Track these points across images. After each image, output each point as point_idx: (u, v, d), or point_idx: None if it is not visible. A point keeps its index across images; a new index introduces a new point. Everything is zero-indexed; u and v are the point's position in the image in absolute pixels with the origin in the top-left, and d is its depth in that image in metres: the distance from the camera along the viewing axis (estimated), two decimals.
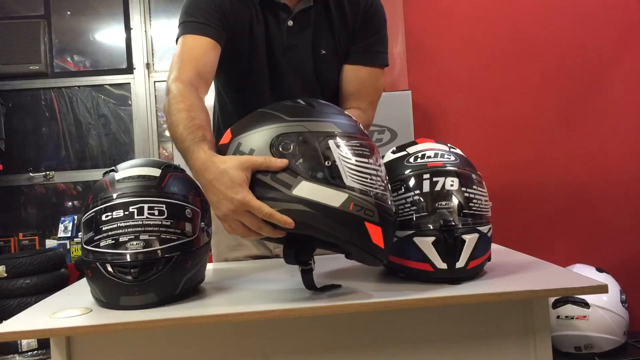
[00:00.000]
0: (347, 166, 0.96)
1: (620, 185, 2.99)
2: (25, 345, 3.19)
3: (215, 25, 1.32)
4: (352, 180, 0.96)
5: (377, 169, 0.99)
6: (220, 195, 0.95)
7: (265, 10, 1.40)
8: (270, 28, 1.40)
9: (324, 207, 0.93)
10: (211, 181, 0.97)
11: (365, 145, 0.99)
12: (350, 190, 0.95)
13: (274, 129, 0.98)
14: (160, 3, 4.24)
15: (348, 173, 0.96)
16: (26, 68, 4.06)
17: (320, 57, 1.43)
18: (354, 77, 1.45)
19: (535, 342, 1.08)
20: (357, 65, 1.45)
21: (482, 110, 3.07)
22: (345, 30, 1.44)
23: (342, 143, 0.97)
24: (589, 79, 3.01)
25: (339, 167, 0.95)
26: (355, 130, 1.01)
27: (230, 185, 0.94)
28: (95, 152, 4.26)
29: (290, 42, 1.41)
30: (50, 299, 1.15)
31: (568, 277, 1.11)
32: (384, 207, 0.98)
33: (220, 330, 1.07)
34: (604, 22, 3.01)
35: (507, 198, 2.94)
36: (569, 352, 2.58)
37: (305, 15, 1.40)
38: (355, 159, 0.97)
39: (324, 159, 0.95)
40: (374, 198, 0.96)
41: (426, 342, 1.10)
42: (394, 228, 1.03)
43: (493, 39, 3.06)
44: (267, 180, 0.95)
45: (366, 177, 0.97)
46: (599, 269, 2.68)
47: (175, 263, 1.02)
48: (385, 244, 0.98)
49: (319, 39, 1.42)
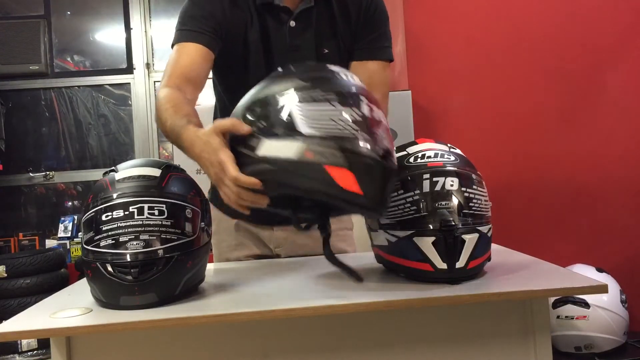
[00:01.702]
0: (303, 114, 0.93)
1: (620, 185, 2.99)
2: (25, 345, 3.20)
3: (206, 32, 1.35)
4: (309, 127, 0.92)
5: (341, 111, 0.94)
6: (207, 162, 1.01)
7: (265, 13, 1.40)
8: (269, 31, 1.40)
9: (282, 160, 0.92)
10: (199, 153, 1.03)
11: (330, 90, 0.96)
12: (308, 138, 0.92)
13: (249, 98, 1.02)
14: (160, 3, 4.25)
15: (305, 121, 0.93)
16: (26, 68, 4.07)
17: (322, 56, 1.43)
18: (362, 73, 1.42)
19: (535, 342, 1.08)
20: (363, 60, 1.45)
21: (482, 110, 3.06)
22: (347, 29, 1.44)
23: (299, 94, 0.95)
24: (589, 79, 3.01)
25: (295, 117, 0.94)
26: (318, 81, 0.98)
27: (212, 150, 0.99)
28: (95, 152, 4.26)
29: (293, 42, 1.41)
30: (50, 299, 1.15)
31: (568, 277, 1.11)
32: (354, 149, 0.92)
33: (220, 330, 1.07)
34: (604, 21, 3.01)
35: (507, 198, 2.94)
36: (569, 352, 2.58)
37: (306, 15, 1.41)
38: (312, 106, 0.94)
39: (283, 114, 0.95)
40: (339, 141, 0.91)
41: (426, 342, 1.10)
42: (380, 171, 0.94)
43: (493, 38, 3.06)
44: (240, 148, 0.97)
45: (327, 122, 0.92)
46: (599, 269, 2.68)
47: (175, 263, 1.02)
48: (367, 189, 0.91)
49: (321, 38, 1.43)
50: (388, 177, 0.96)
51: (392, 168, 0.97)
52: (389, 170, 0.96)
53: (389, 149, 0.97)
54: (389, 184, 0.97)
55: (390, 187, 0.99)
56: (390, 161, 0.96)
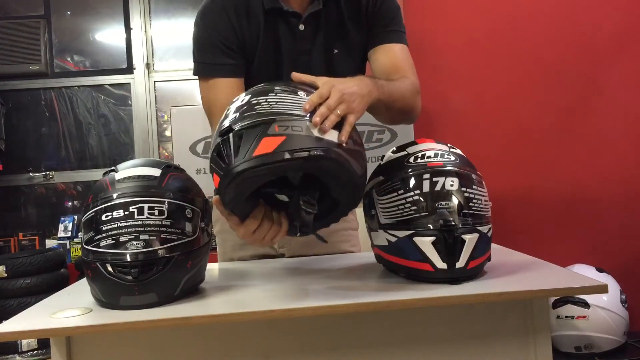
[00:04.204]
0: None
1: (620, 185, 2.99)
2: (25, 345, 3.19)
3: (229, 62, 1.36)
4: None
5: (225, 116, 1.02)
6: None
7: (274, 19, 1.39)
8: (279, 36, 1.39)
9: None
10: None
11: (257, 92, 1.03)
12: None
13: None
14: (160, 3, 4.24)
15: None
16: (26, 68, 4.06)
17: (332, 56, 1.43)
18: (384, 56, 1.41)
19: (535, 342, 1.08)
20: (382, 44, 1.42)
21: (482, 110, 3.06)
22: (357, 26, 1.42)
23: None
24: (589, 79, 3.01)
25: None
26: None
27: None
28: (95, 152, 4.26)
29: (304, 46, 1.40)
30: (50, 299, 1.15)
31: (568, 277, 1.11)
32: (219, 130, 1.00)
33: (220, 330, 1.07)
34: (604, 21, 3.01)
35: (508, 198, 2.94)
36: (569, 352, 2.58)
37: (315, 17, 1.40)
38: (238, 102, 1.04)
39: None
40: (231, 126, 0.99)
41: (426, 342, 1.10)
42: (236, 137, 0.97)
43: (493, 39, 3.06)
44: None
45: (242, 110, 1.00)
46: (599, 269, 2.68)
47: (175, 263, 1.02)
48: (220, 172, 0.98)
49: (331, 39, 1.42)
50: (227, 145, 0.98)
51: (227, 137, 0.98)
52: (224, 141, 0.99)
53: (234, 121, 0.99)
54: (230, 149, 0.97)
55: (247, 141, 0.96)
56: (228, 131, 0.98)
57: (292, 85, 1.07)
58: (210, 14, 1.38)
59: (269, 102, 1.00)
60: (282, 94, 1.02)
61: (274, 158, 0.93)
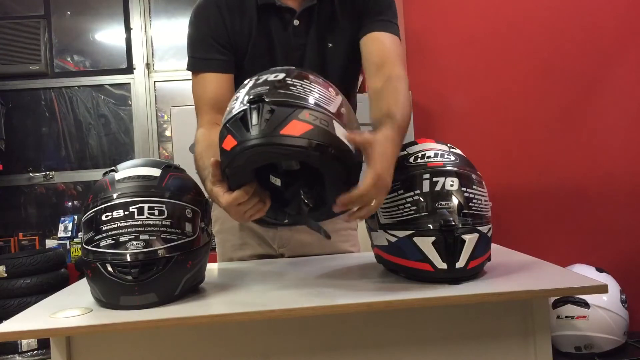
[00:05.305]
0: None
1: (620, 185, 2.99)
2: (25, 345, 3.20)
3: (221, 57, 1.39)
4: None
5: (237, 96, 1.03)
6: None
7: (268, 15, 1.39)
8: (272, 32, 1.40)
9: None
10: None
11: (240, 88, 1.05)
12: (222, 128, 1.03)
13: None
14: (160, 3, 4.25)
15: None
16: (26, 68, 4.07)
17: (327, 50, 1.43)
18: (373, 44, 1.39)
19: (535, 342, 1.08)
20: (373, 32, 1.40)
21: (482, 110, 3.07)
22: (351, 19, 1.42)
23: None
24: (589, 78, 3.01)
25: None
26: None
27: (216, 198, 1.08)
28: (95, 152, 4.26)
29: (298, 41, 1.41)
30: (50, 299, 1.15)
31: (568, 277, 1.11)
32: (230, 115, 1.00)
33: (220, 330, 1.07)
34: (604, 21, 3.01)
35: (507, 198, 2.94)
36: (569, 352, 2.58)
37: (309, 13, 1.40)
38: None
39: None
40: (227, 117, 1.01)
41: (426, 342, 1.10)
42: (250, 115, 0.97)
43: (493, 38, 3.06)
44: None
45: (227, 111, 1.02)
46: (599, 269, 2.68)
47: (175, 263, 1.02)
48: (240, 136, 0.96)
49: (324, 33, 1.42)
50: (257, 114, 0.96)
51: (257, 106, 0.97)
52: (255, 109, 0.97)
53: (265, 93, 0.98)
54: (259, 119, 0.96)
55: (277, 117, 0.96)
56: (259, 101, 0.97)
57: (322, 78, 1.08)
58: (203, 10, 1.41)
59: (304, 88, 1.00)
60: (315, 85, 1.03)
61: (297, 142, 0.94)
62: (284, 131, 0.94)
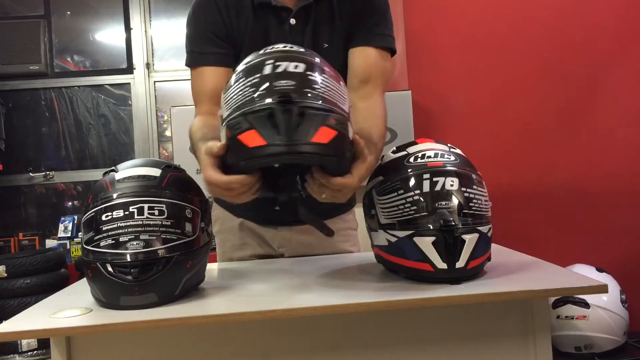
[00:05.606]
0: (225, 100, 1.02)
1: (620, 185, 2.99)
2: (25, 345, 3.20)
3: (219, 51, 1.39)
4: (226, 109, 1.01)
5: (244, 82, 0.99)
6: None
7: (264, 14, 1.40)
8: (269, 31, 1.40)
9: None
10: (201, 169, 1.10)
11: (240, 71, 1.03)
12: (226, 119, 1.00)
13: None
14: (160, 3, 4.25)
15: (225, 105, 1.02)
16: (26, 68, 4.07)
17: (322, 50, 1.42)
18: (360, 58, 1.40)
19: (535, 342, 1.08)
20: (362, 46, 1.41)
21: (482, 110, 3.06)
22: (348, 20, 1.42)
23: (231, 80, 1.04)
24: (589, 78, 3.01)
25: (222, 106, 1.04)
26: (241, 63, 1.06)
27: (203, 169, 1.07)
28: (95, 152, 4.26)
29: (294, 40, 1.40)
30: (50, 299, 1.15)
31: (568, 277, 1.11)
32: (252, 109, 0.95)
33: (220, 330, 1.07)
34: (604, 21, 3.01)
35: (507, 198, 2.94)
36: (569, 352, 2.58)
37: (306, 11, 1.41)
38: (232, 87, 1.02)
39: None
40: (241, 108, 0.96)
41: (426, 342, 1.10)
42: (279, 115, 0.94)
43: (493, 38, 3.05)
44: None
45: (234, 97, 0.99)
46: (599, 269, 2.68)
47: (175, 263, 1.02)
48: (269, 137, 0.93)
49: (320, 33, 1.42)
50: (288, 115, 0.94)
51: (289, 107, 0.94)
52: (285, 110, 0.94)
53: (293, 90, 0.95)
54: (290, 122, 0.94)
55: (309, 123, 0.95)
56: (289, 102, 0.94)
57: (330, 67, 1.07)
58: (201, 6, 1.43)
59: (325, 86, 0.99)
60: (332, 81, 1.02)
61: (325, 151, 0.95)
62: (315, 139, 0.94)
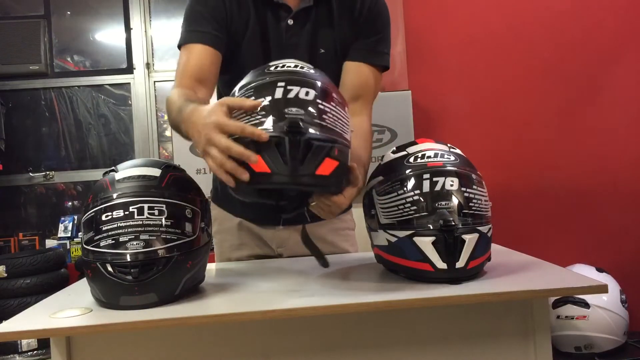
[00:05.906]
0: (232, 116, 1.01)
1: (620, 185, 2.99)
2: (25, 345, 3.20)
3: (212, 32, 1.36)
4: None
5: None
6: (199, 126, 1.01)
7: (264, 10, 1.40)
8: (267, 28, 1.40)
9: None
10: (195, 121, 1.04)
11: (250, 89, 1.02)
12: (235, 138, 0.98)
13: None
14: (160, 3, 4.24)
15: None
16: (26, 68, 4.07)
17: (318, 55, 1.42)
18: (355, 74, 1.42)
19: (535, 342, 1.08)
20: (359, 62, 1.42)
21: (482, 110, 3.07)
22: (347, 29, 1.42)
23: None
24: (589, 78, 3.02)
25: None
26: (249, 77, 1.06)
27: (207, 115, 1.00)
28: (95, 152, 4.26)
29: (289, 41, 1.41)
30: (50, 299, 1.15)
31: (568, 277, 1.11)
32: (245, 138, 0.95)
33: (220, 330, 1.07)
34: (604, 20, 3.01)
35: (507, 198, 2.94)
36: (569, 352, 2.58)
37: (305, 14, 1.40)
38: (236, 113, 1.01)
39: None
40: (299, 125, 0.96)
41: (426, 342, 1.10)
42: (288, 144, 0.94)
43: (493, 38, 3.06)
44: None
45: (245, 115, 0.99)
46: (599, 269, 2.68)
47: (175, 263, 1.02)
48: (275, 165, 0.94)
49: (318, 37, 1.42)
50: (296, 146, 0.95)
51: (297, 138, 0.95)
52: (294, 141, 0.95)
53: (302, 119, 0.96)
54: (297, 153, 0.94)
55: (315, 156, 0.96)
56: (298, 132, 0.95)
57: (338, 92, 1.08)
58: None
59: (332, 115, 1.01)
60: (339, 109, 1.03)
61: (325, 182, 0.98)
62: (319, 171, 0.96)
